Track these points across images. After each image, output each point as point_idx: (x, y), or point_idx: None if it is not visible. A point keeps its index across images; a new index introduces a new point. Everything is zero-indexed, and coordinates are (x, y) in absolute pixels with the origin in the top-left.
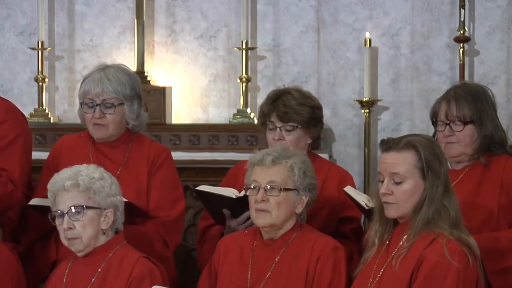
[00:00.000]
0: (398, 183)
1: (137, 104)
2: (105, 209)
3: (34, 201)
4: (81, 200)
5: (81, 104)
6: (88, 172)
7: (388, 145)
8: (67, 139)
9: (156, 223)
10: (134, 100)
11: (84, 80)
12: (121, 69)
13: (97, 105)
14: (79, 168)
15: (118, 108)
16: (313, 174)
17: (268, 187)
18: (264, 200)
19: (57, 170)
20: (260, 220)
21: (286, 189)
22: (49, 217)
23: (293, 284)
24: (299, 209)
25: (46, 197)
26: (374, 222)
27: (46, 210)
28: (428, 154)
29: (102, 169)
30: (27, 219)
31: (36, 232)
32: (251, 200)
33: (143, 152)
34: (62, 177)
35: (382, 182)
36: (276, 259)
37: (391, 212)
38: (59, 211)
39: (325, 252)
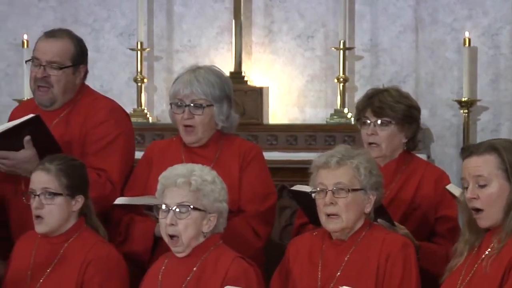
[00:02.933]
0: (482, 186)
1: (227, 105)
2: (210, 213)
3: (120, 200)
4: (190, 199)
5: (171, 104)
6: (201, 173)
7: (469, 150)
8: (159, 143)
9: (245, 216)
10: (223, 101)
11: (175, 81)
12: (211, 71)
13: (186, 105)
14: (193, 167)
15: (206, 110)
16: (379, 172)
17: (335, 189)
18: (332, 203)
19: (149, 172)
20: (330, 225)
21: (354, 190)
22: (153, 210)
23: (363, 282)
24: (368, 208)
25: (134, 195)
26: (463, 232)
27: (133, 208)
28: (511, 156)
29: (215, 173)
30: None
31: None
32: (319, 203)
33: (234, 149)
34: (175, 173)
35: (467, 188)
36: (345, 259)
37: (483, 222)
38: (165, 206)
39: (394, 250)
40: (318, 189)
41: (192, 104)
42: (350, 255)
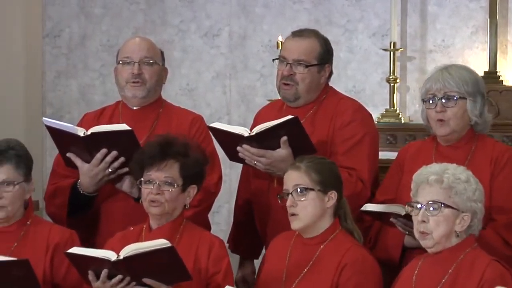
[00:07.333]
0: None
1: (481, 102)
2: (462, 212)
3: (368, 207)
4: (441, 196)
5: (423, 101)
6: (454, 172)
7: None
8: (413, 145)
9: (495, 225)
10: (477, 96)
11: (426, 81)
12: (463, 67)
13: (438, 99)
14: (447, 166)
15: (459, 102)
16: None
17: None
18: None
19: (400, 173)
20: None
21: None
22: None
23: None
24: None
25: (387, 198)
26: None
27: (380, 215)
28: None
29: (470, 173)
30: None
31: None
32: None
33: (486, 152)
34: (428, 171)
35: None
36: None
37: None
38: (417, 204)
39: None
40: None
41: (444, 97)
42: None
